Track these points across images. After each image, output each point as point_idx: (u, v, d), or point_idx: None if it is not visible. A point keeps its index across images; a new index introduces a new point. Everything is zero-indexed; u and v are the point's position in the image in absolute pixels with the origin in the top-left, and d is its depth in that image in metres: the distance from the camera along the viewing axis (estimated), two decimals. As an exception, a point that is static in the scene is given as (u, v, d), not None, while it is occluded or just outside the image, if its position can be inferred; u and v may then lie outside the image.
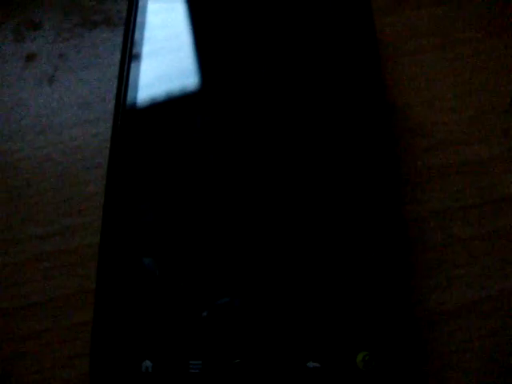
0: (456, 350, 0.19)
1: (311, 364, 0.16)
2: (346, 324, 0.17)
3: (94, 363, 0.17)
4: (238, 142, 0.20)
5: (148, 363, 0.16)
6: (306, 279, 0.18)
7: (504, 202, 0.21)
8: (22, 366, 0.19)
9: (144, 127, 0.20)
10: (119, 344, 0.17)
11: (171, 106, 0.21)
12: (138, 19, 0.22)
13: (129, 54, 0.21)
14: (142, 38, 0.22)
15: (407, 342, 0.17)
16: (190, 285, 0.17)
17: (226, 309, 0.17)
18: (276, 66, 0.21)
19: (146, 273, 0.18)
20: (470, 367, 0.19)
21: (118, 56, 0.23)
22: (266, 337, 0.17)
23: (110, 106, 0.21)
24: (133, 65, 0.21)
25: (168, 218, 0.19)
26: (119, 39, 0.23)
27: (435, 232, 0.21)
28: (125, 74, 0.21)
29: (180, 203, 0.19)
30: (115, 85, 0.21)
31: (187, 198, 0.19)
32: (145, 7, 0.22)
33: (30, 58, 0.25)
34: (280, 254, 0.18)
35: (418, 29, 0.25)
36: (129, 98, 0.20)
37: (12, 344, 0.19)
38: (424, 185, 0.22)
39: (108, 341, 0.17)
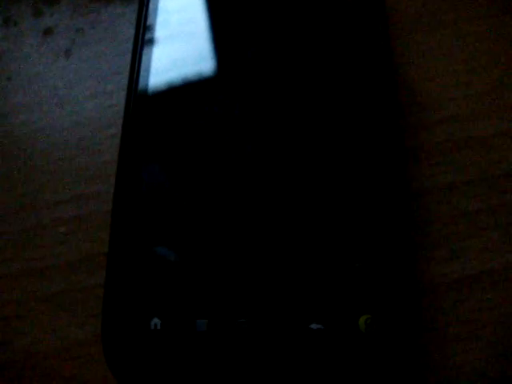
0: (457, 321, 0.19)
1: (314, 325, 0.17)
2: (349, 287, 0.17)
3: (105, 322, 0.17)
4: (251, 128, 0.20)
5: (157, 321, 0.17)
6: (311, 243, 0.18)
7: (509, 176, 0.21)
8: (38, 326, 0.20)
9: (157, 102, 0.21)
10: (129, 303, 0.17)
11: (184, 83, 0.21)
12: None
13: (142, 31, 0.22)
14: (155, 14, 0.22)
15: (409, 307, 0.17)
16: (196, 245, 0.18)
17: (231, 271, 0.18)
18: (288, 46, 0.21)
19: (156, 238, 0.18)
20: (470, 337, 0.19)
21: (132, 31, 0.23)
22: (271, 298, 0.17)
23: (125, 78, 0.22)
24: (146, 42, 0.21)
25: (176, 188, 0.19)
26: (134, 14, 0.23)
27: (440, 205, 0.21)
28: (138, 50, 0.21)
29: (188, 177, 0.19)
30: (129, 58, 0.21)
31: (195, 169, 0.19)
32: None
33: (48, 32, 0.25)
34: (284, 221, 0.18)
35: (430, 5, 0.25)
36: (142, 73, 0.21)
37: (28, 304, 0.20)
38: (430, 159, 0.22)
39: (119, 301, 0.17)
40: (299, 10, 0.22)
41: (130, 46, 0.22)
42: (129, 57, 0.21)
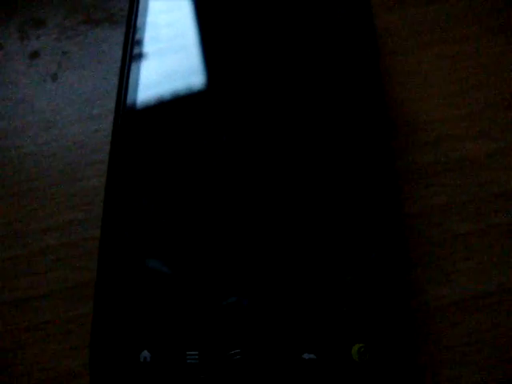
0: (452, 345, 0.19)
1: (307, 355, 0.17)
2: (341, 316, 0.17)
3: (93, 353, 0.17)
4: (239, 140, 0.20)
5: (146, 353, 0.17)
6: (303, 272, 0.18)
7: (501, 197, 0.21)
8: (24, 357, 0.19)
9: (144, 124, 0.20)
10: (118, 335, 0.17)
11: (171, 103, 0.21)
12: (139, 17, 0.22)
13: (130, 52, 0.21)
14: (142, 36, 0.22)
15: (403, 334, 0.17)
16: (187, 277, 0.18)
17: (223, 301, 0.17)
18: (278, 62, 0.21)
19: (146, 266, 0.18)
20: (466, 362, 0.19)
21: (119, 53, 0.23)
22: (262, 328, 0.17)
23: (112, 102, 0.22)
24: (134, 62, 0.21)
25: (165, 212, 0.19)
26: (121, 37, 0.23)
27: (433, 227, 0.21)
28: (126, 71, 0.21)
29: (178, 198, 0.19)
30: (116, 81, 0.21)
31: (185, 193, 0.19)
32: (146, 4, 0.23)
33: (34, 55, 0.25)
34: (276, 249, 0.18)
35: (418, 26, 0.25)
36: (129, 96, 0.21)
37: (15, 335, 0.19)
38: (422, 180, 0.22)
39: (107, 332, 0.17)
40: (290, 28, 0.22)
41: (117, 68, 0.22)
42: (116, 80, 0.21)
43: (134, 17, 0.22)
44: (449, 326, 0.19)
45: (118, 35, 0.25)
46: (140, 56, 0.21)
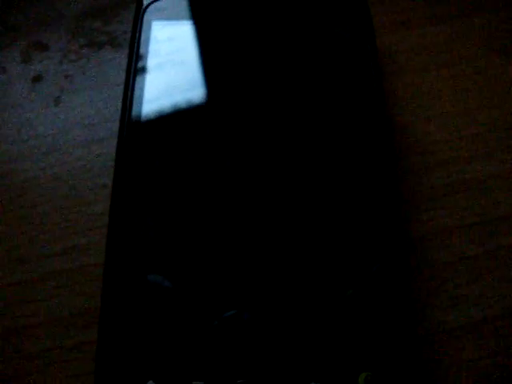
0: (459, 370, 0.19)
1: (313, 385, 0.16)
2: (348, 344, 0.17)
3: (98, 383, 0.17)
4: (243, 157, 0.20)
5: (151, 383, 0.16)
6: (310, 300, 0.18)
7: (507, 220, 0.21)
8: (28, 385, 0.19)
9: (148, 146, 0.20)
10: (123, 364, 0.17)
11: (175, 124, 0.21)
12: (143, 39, 0.22)
13: (133, 73, 0.22)
14: (146, 57, 0.22)
15: (409, 362, 0.17)
16: (192, 305, 0.18)
17: (228, 330, 0.17)
18: (281, 81, 0.21)
19: (151, 293, 0.18)
20: (474, 387, 0.19)
21: (122, 76, 0.23)
22: (269, 357, 0.17)
23: (115, 125, 0.22)
24: (137, 83, 0.21)
25: (172, 237, 0.19)
26: (124, 60, 0.23)
27: (438, 251, 0.21)
28: (129, 93, 0.21)
29: (185, 222, 0.19)
30: (120, 105, 0.21)
31: (192, 216, 0.19)
32: (149, 27, 0.23)
33: (37, 79, 0.25)
34: (282, 275, 0.18)
35: (421, 47, 0.26)
36: (133, 118, 0.21)
37: (17, 363, 0.19)
38: (428, 202, 0.22)
39: (112, 361, 0.17)
40: (293, 49, 0.22)
41: (120, 91, 0.22)
42: (119, 102, 0.21)
43: (137, 39, 0.22)
44: (456, 350, 0.19)
45: (120, 58, 0.25)
46: (143, 78, 0.21)
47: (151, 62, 0.22)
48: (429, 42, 0.25)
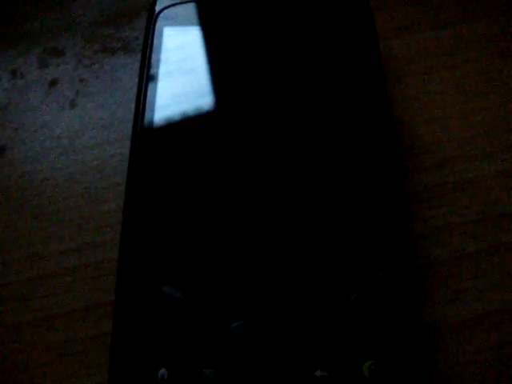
0: (462, 362, 0.19)
1: (319, 372, 0.17)
2: (353, 334, 0.18)
3: (112, 372, 0.17)
4: (255, 161, 0.21)
5: (164, 371, 0.17)
6: (316, 291, 0.18)
7: (507, 217, 0.22)
8: (44, 375, 0.20)
9: (161, 147, 0.21)
10: (136, 354, 0.17)
11: (187, 126, 0.22)
12: (155, 45, 0.23)
13: (146, 78, 0.22)
14: (158, 63, 0.23)
15: (413, 352, 0.17)
16: (203, 295, 0.18)
17: (237, 321, 0.18)
18: (288, 84, 0.22)
19: (163, 287, 0.19)
20: (475, 379, 0.19)
21: (135, 80, 0.24)
22: (276, 346, 0.17)
23: (128, 127, 0.22)
24: (149, 88, 0.22)
25: (184, 233, 0.20)
26: (136, 64, 0.24)
27: (441, 247, 0.21)
28: (142, 96, 0.22)
29: (195, 220, 0.20)
30: (133, 107, 0.22)
31: (203, 214, 0.20)
32: (161, 34, 0.24)
33: (53, 83, 0.26)
34: (288, 267, 0.19)
35: (424, 50, 0.26)
36: (146, 120, 0.21)
37: (34, 354, 0.20)
38: (430, 201, 0.22)
39: (126, 351, 0.18)
40: (298, 55, 0.23)
41: (132, 94, 0.23)
42: (132, 105, 0.22)
43: (149, 45, 0.23)
44: (457, 344, 0.20)
45: (133, 63, 0.26)
46: (155, 82, 0.22)
47: (163, 67, 0.23)
48: (431, 46, 0.26)
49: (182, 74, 0.23)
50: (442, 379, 0.19)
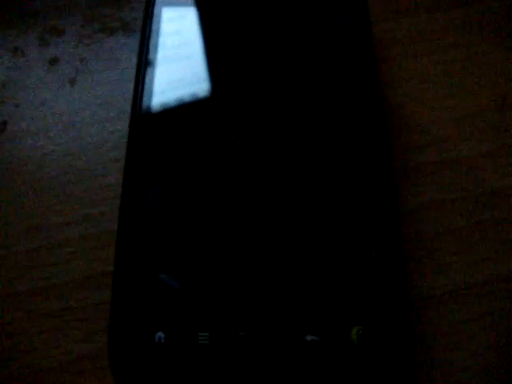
0: (445, 332, 0.20)
1: (309, 337, 0.18)
2: (342, 300, 0.18)
3: (112, 335, 0.18)
4: (251, 146, 0.21)
5: (161, 334, 0.18)
6: (305, 260, 0.19)
7: (492, 195, 0.23)
8: (45, 341, 0.20)
9: (158, 125, 0.22)
10: (134, 317, 0.18)
11: (184, 106, 0.22)
12: (153, 26, 0.24)
13: (145, 59, 0.23)
14: (156, 44, 0.23)
15: (400, 318, 0.18)
16: (198, 263, 0.19)
17: (231, 287, 0.19)
18: (281, 69, 0.23)
19: (159, 254, 0.19)
20: (457, 348, 0.20)
21: (134, 60, 0.25)
22: (269, 312, 0.18)
23: (127, 105, 0.23)
24: (148, 69, 0.23)
25: (181, 204, 0.20)
26: (136, 44, 0.25)
27: (427, 223, 0.22)
28: (141, 76, 0.22)
29: (190, 192, 0.20)
30: (132, 86, 0.22)
31: (196, 187, 0.21)
32: (159, 15, 0.24)
33: (54, 61, 0.27)
34: (279, 234, 0.19)
35: (416, 34, 0.27)
36: (144, 99, 0.22)
37: (36, 320, 0.21)
38: (417, 179, 0.23)
39: (124, 316, 0.18)
40: (292, 37, 0.23)
41: (131, 73, 0.24)
42: (130, 84, 0.23)
43: (148, 25, 0.24)
44: (443, 314, 0.20)
45: (132, 43, 0.27)
46: (154, 62, 0.23)
47: (161, 46, 0.23)
48: (422, 29, 0.27)
49: (179, 56, 0.23)
50: (428, 347, 0.20)
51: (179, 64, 0.23)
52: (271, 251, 0.19)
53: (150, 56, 0.23)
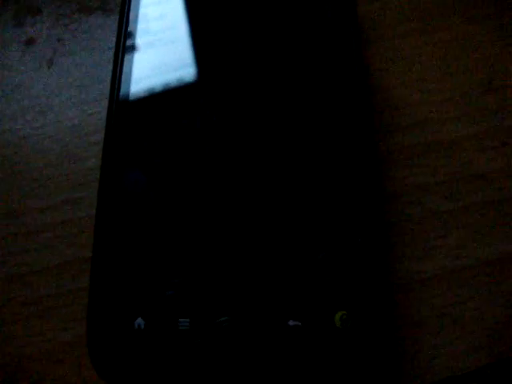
0: (431, 315, 0.20)
1: (292, 322, 0.17)
2: (325, 285, 0.18)
3: (90, 323, 0.18)
4: (232, 130, 0.21)
5: (140, 321, 0.18)
6: (288, 245, 0.19)
7: (478, 178, 0.23)
8: (24, 329, 0.20)
9: (139, 108, 0.21)
10: (113, 304, 0.18)
11: (165, 89, 0.22)
12: (133, 5, 0.23)
13: (123, 41, 0.22)
14: (135, 25, 0.23)
15: (384, 303, 0.18)
16: (178, 247, 0.19)
17: (212, 272, 0.18)
18: (264, 52, 0.22)
19: (138, 240, 0.19)
20: (444, 331, 0.20)
21: (113, 40, 0.24)
22: (250, 297, 0.18)
23: (106, 87, 0.23)
24: (127, 50, 0.22)
25: (160, 188, 0.20)
26: (114, 24, 0.24)
27: (413, 206, 0.22)
28: (119, 59, 0.22)
29: (169, 176, 0.20)
30: (110, 68, 0.22)
31: (176, 170, 0.20)
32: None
33: (30, 42, 0.26)
34: (263, 219, 0.19)
35: (400, 15, 0.26)
36: (123, 80, 0.21)
37: (15, 308, 0.20)
38: (403, 161, 0.23)
39: (103, 302, 0.18)
40: (276, 18, 0.23)
41: (110, 54, 0.23)
42: (110, 66, 0.22)
43: (127, 5, 0.23)
44: (429, 297, 0.20)
45: (111, 23, 0.26)
46: (133, 44, 0.22)
47: (141, 25, 0.23)
48: (408, 11, 0.26)
49: (160, 38, 0.23)
50: (414, 331, 0.20)
51: (158, 47, 0.23)
52: (255, 236, 0.19)
53: (129, 38, 0.22)
